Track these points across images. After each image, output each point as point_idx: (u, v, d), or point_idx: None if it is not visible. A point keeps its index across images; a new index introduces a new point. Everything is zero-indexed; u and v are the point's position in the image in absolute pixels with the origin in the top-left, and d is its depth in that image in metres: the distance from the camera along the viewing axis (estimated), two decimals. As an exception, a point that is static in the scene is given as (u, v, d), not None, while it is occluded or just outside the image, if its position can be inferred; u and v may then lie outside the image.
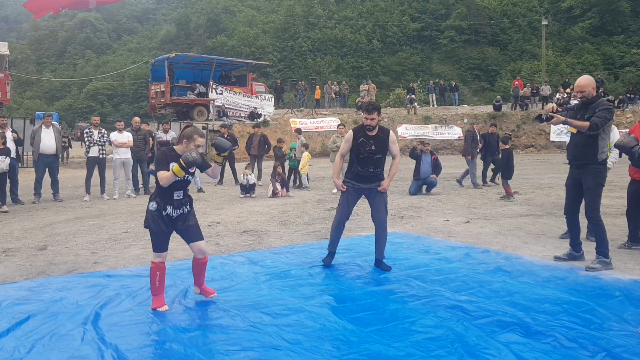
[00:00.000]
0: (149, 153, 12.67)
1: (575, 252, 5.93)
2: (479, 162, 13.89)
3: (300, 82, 37.47)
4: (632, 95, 31.98)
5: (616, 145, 4.17)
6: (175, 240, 7.23)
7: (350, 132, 5.62)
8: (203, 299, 4.60)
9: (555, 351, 3.50)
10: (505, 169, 11.56)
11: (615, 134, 6.76)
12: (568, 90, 32.41)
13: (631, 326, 3.92)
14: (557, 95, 31.36)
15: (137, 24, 75.41)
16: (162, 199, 4.28)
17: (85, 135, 11.99)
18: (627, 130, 4.83)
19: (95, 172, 11.86)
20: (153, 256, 4.33)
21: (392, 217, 9.10)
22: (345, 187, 5.56)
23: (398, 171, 5.97)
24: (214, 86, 26.79)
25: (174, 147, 4.36)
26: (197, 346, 3.59)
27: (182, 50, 46.18)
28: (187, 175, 4.25)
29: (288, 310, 4.29)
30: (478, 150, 13.71)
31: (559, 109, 5.69)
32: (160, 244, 4.32)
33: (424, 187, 12.52)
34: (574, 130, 5.56)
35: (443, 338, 3.72)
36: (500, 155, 12.27)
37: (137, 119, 13.29)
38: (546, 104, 31.33)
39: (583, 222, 5.95)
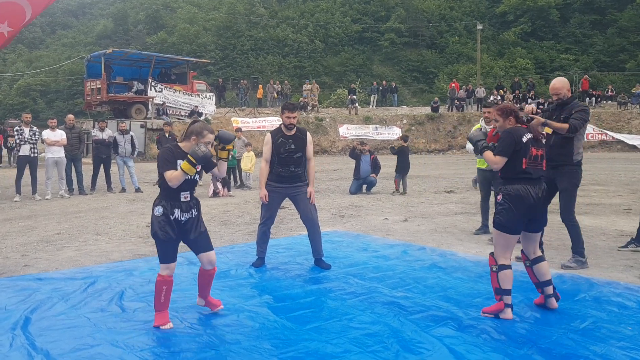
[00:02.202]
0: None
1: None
2: None
3: (242, 81, 37.17)
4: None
5: (467, 137, 4.50)
6: (112, 242, 7.07)
7: (268, 134, 5.69)
8: (137, 300, 4.51)
9: (486, 344, 3.65)
10: (401, 166, 12.39)
11: None
12: (502, 92, 33.74)
13: (555, 318, 4.14)
14: (491, 97, 32.50)
15: (72, 18, 72.64)
16: (168, 202, 3.90)
17: (15, 133, 11.51)
18: None
19: (27, 172, 11.40)
20: (160, 268, 3.94)
21: (332, 216, 9.22)
22: (267, 198, 5.55)
23: (339, 170, 6.04)
24: (153, 84, 26.20)
25: (180, 144, 4.00)
26: (133, 349, 3.53)
27: (119, 46, 44.81)
28: (195, 174, 3.91)
29: (227, 311, 4.28)
30: None
31: (538, 111, 5.79)
32: (167, 254, 3.92)
33: (364, 186, 12.72)
34: (549, 131, 5.59)
35: (380, 334, 3.80)
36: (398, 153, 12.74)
37: (70, 116, 12.89)
38: (481, 105, 32.45)
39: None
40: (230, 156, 4.30)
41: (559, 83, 5.66)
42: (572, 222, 5.68)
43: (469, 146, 7.28)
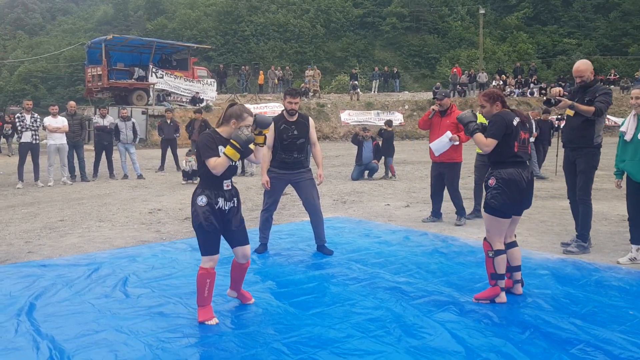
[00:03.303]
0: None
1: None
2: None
3: (243, 67, 37.01)
4: (563, 84, 33.39)
5: (457, 118, 4.47)
6: (115, 229, 7.09)
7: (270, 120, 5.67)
8: (141, 286, 4.53)
9: (488, 328, 3.67)
10: (387, 149, 12.57)
11: None
12: (504, 77, 33.53)
13: (556, 303, 4.15)
14: (494, 82, 32.36)
15: (72, 4, 72.13)
16: (212, 191, 3.70)
17: (17, 119, 11.50)
18: None
19: (29, 159, 11.41)
20: (203, 261, 3.73)
21: (334, 202, 9.23)
22: (269, 185, 5.56)
23: (340, 156, 6.03)
24: (153, 70, 26.10)
25: (217, 129, 3.80)
26: (138, 334, 3.56)
27: (120, 32, 44.58)
28: (237, 159, 3.70)
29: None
30: (533, 139, 11.89)
31: (565, 93, 5.77)
32: (211, 246, 3.71)
33: (366, 172, 12.72)
34: (571, 113, 5.62)
35: (382, 319, 3.83)
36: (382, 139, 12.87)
37: (72, 103, 12.88)
38: (483, 90, 32.29)
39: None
40: (266, 141, 4.11)
41: (583, 65, 5.63)
42: (586, 202, 5.80)
43: (437, 146, 7.24)
